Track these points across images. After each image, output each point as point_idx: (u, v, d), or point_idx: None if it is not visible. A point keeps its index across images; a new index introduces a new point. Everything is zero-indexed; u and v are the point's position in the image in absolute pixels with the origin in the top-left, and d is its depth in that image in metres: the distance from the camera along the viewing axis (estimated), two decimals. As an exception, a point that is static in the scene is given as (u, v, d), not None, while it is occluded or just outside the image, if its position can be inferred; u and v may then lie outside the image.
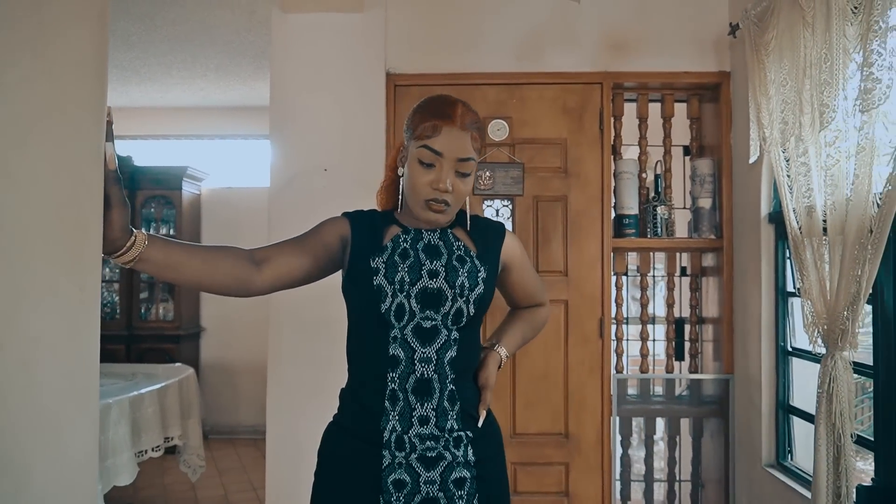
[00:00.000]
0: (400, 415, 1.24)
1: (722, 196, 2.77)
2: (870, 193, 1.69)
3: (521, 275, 1.43)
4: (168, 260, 1.13)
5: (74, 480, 0.76)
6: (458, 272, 1.27)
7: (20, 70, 0.65)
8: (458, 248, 1.31)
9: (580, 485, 2.75)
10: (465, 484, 1.25)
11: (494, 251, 1.35)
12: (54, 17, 0.71)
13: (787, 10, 2.09)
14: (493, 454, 1.33)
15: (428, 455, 1.24)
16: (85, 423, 0.79)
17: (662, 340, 2.92)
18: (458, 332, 1.28)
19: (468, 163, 1.26)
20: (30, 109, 0.68)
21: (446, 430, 1.26)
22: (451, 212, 1.28)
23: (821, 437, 1.85)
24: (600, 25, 2.77)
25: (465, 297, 1.26)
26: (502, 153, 2.78)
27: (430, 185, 1.24)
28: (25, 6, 0.66)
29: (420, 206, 1.26)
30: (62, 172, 0.75)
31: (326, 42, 2.75)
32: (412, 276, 1.26)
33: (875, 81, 1.62)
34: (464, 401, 1.28)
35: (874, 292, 1.85)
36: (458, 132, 1.24)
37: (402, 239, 1.31)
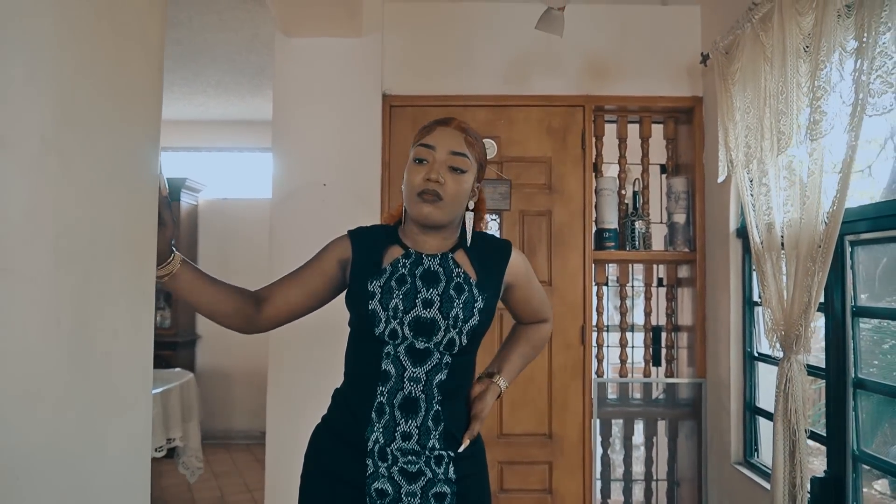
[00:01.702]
0: (384, 427, 1.26)
1: (695, 212, 2.97)
2: (819, 213, 1.88)
3: (525, 293, 1.44)
4: (192, 284, 1.24)
5: (138, 449, 0.92)
6: (453, 303, 1.28)
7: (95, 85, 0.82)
8: (457, 276, 1.31)
9: (563, 483, 2.92)
10: (445, 499, 1.27)
11: (497, 274, 1.35)
12: (117, 43, 0.88)
13: (750, 45, 2.30)
14: (476, 471, 1.34)
15: (409, 469, 1.26)
16: (145, 403, 0.95)
17: (640, 347, 3.10)
18: (451, 357, 1.29)
19: (461, 158, 1.29)
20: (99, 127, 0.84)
21: (427, 448, 1.27)
22: (445, 208, 1.29)
23: (778, 433, 2.03)
24: (583, 52, 2.97)
25: (458, 329, 1.27)
26: (491, 170, 2.96)
27: (423, 177, 1.27)
28: (90, 32, 0.83)
29: (413, 201, 1.28)
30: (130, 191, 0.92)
31: (326, 64, 2.93)
32: (406, 304, 1.27)
33: (822, 114, 1.83)
34: (449, 422, 1.29)
35: (826, 302, 2.05)
36: (453, 131, 1.30)
37: (401, 263, 1.32)
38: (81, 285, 0.80)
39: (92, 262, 0.82)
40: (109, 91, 0.86)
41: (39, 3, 0.74)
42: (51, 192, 0.76)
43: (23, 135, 0.73)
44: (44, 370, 0.75)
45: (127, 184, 0.90)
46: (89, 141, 0.82)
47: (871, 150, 3.97)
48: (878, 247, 2.10)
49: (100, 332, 0.84)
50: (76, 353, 0.80)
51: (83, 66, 0.81)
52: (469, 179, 1.32)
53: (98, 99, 0.84)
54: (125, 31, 0.89)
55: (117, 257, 0.87)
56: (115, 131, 0.87)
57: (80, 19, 0.80)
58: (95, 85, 0.83)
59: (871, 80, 1.61)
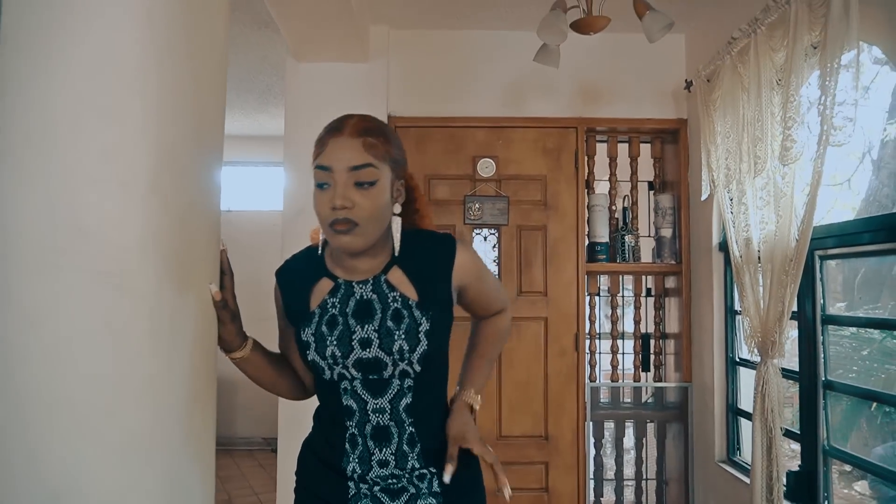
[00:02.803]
0: (359, 458, 1.20)
1: (681, 227, 3.17)
2: (790, 230, 2.08)
3: (477, 290, 1.31)
4: (258, 367, 1.26)
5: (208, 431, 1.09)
6: (393, 336, 1.15)
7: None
8: (394, 301, 1.18)
9: (559, 482, 3.09)
10: None
11: (442, 282, 1.21)
12: (198, 104, 1.04)
13: (729, 75, 2.51)
14: (466, 488, 1.25)
15: (391, 487, 1.21)
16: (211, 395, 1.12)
17: (631, 353, 3.29)
18: (413, 380, 1.19)
19: (365, 170, 1.10)
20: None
21: (407, 469, 1.21)
22: (364, 232, 1.12)
23: (756, 431, 2.22)
24: (576, 77, 3.17)
25: (406, 360, 1.15)
26: (490, 188, 3.16)
27: (329, 206, 1.10)
28: (179, 98, 1.00)
29: (328, 233, 1.13)
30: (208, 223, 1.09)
31: (335, 87, 3.11)
32: (343, 349, 1.16)
33: (793, 141, 2.03)
34: (425, 440, 1.21)
35: (799, 311, 2.25)
36: (347, 140, 1.10)
37: (329, 303, 1.20)
38: (176, 301, 0.97)
39: (184, 282, 0.99)
40: (193, 142, 1.04)
41: (148, 81, 0.93)
42: (155, 224, 0.94)
43: (136, 179, 0.91)
44: (149, 372, 0.93)
45: (205, 216, 1.08)
46: (180, 183, 1.00)
47: (851, 164, 4.20)
48: (848, 262, 2.31)
49: (186, 341, 1.01)
50: (171, 359, 0.97)
51: (175, 123, 0.99)
52: (383, 187, 1.13)
53: (185, 148, 1.01)
54: (204, 94, 1.07)
55: (199, 277, 1.05)
56: (195, 174, 1.05)
57: (172, 88, 0.98)
58: (183, 137, 1.01)
59: (834, 115, 1.81)
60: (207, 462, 1.06)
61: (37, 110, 0.88)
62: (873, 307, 3.49)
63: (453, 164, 3.17)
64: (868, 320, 2.86)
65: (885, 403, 2.12)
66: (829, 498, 2.17)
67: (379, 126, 1.16)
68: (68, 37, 0.89)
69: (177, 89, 0.98)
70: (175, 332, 0.97)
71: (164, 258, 0.94)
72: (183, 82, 1.00)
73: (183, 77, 1.00)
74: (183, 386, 0.99)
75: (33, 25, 0.90)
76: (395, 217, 1.19)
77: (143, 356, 0.91)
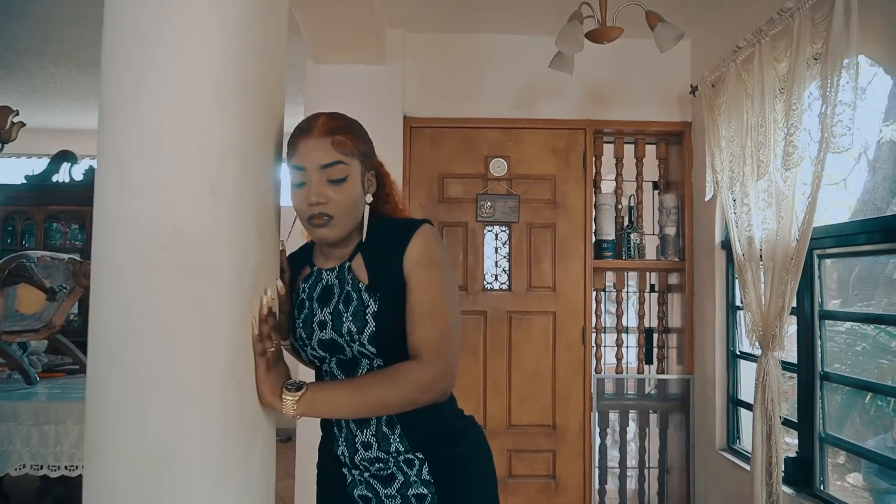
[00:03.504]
0: (346, 441, 1.25)
1: (684, 225, 3.30)
2: (791, 230, 2.21)
3: (415, 292, 1.18)
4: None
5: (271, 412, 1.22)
6: (342, 318, 1.18)
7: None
8: (347, 284, 1.21)
9: (565, 469, 3.23)
10: (424, 499, 1.23)
11: (393, 265, 1.18)
12: (265, 117, 1.15)
13: (734, 81, 2.63)
14: (459, 474, 1.25)
15: (381, 474, 1.24)
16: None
17: (635, 347, 3.42)
18: (382, 359, 1.20)
19: (335, 167, 1.16)
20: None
21: (391, 452, 1.23)
22: (339, 224, 1.18)
23: (757, 420, 2.36)
24: (584, 81, 3.29)
25: (357, 342, 1.17)
26: (501, 186, 3.28)
27: (305, 202, 1.16)
28: (253, 114, 1.11)
29: (307, 227, 1.20)
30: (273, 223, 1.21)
31: (353, 88, 3.22)
32: (307, 331, 1.23)
33: (794, 147, 2.16)
34: (406, 422, 1.21)
35: (798, 306, 2.38)
36: (316, 140, 1.16)
37: (301, 288, 1.27)
38: (252, 293, 1.09)
39: (258, 275, 1.11)
40: (264, 149, 1.15)
41: (232, 98, 1.05)
42: (237, 224, 1.06)
43: (223, 185, 1.03)
44: (232, 354, 1.05)
45: (272, 216, 1.19)
46: (255, 186, 1.12)
47: (847, 164, 4.33)
48: (844, 261, 2.44)
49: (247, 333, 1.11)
50: (247, 344, 1.09)
51: (252, 133, 1.11)
52: (353, 182, 1.19)
53: (258, 155, 1.13)
54: (270, 104, 1.19)
55: (269, 272, 1.17)
56: (265, 177, 1.17)
57: (250, 103, 1.10)
58: (256, 146, 1.13)
59: (834, 123, 1.94)
60: (271, 433, 1.18)
61: (139, 125, 1.00)
62: (867, 304, 3.63)
63: (466, 164, 3.29)
64: (863, 315, 3.00)
65: (878, 393, 2.25)
66: (825, 482, 2.31)
67: (346, 124, 1.22)
68: (164, 59, 1.01)
69: (253, 104, 1.10)
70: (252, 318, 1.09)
71: (243, 254, 1.06)
72: (257, 97, 1.12)
73: (257, 92, 1.12)
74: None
75: (131, 47, 1.02)
76: (366, 206, 1.24)
77: (227, 340, 1.03)
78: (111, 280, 1.00)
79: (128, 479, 0.97)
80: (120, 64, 1.02)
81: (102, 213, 1.02)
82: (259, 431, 1.11)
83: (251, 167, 1.10)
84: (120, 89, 1.01)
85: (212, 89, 1.02)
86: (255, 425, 1.10)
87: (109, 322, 0.99)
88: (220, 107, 1.03)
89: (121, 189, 1.00)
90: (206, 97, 1.02)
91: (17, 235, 4.82)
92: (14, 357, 2.99)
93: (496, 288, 3.30)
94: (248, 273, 1.07)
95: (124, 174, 1.00)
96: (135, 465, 0.97)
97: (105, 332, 1.00)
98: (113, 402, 0.99)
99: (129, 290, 0.98)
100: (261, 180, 1.14)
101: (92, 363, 1.02)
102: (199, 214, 1.00)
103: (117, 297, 0.99)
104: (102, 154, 1.03)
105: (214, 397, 1.01)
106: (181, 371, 0.99)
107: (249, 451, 1.07)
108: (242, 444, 1.06)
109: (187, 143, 1.00)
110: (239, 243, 1.05)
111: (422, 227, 1.20)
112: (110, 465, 0.98)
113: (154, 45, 1.01)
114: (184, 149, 1.00)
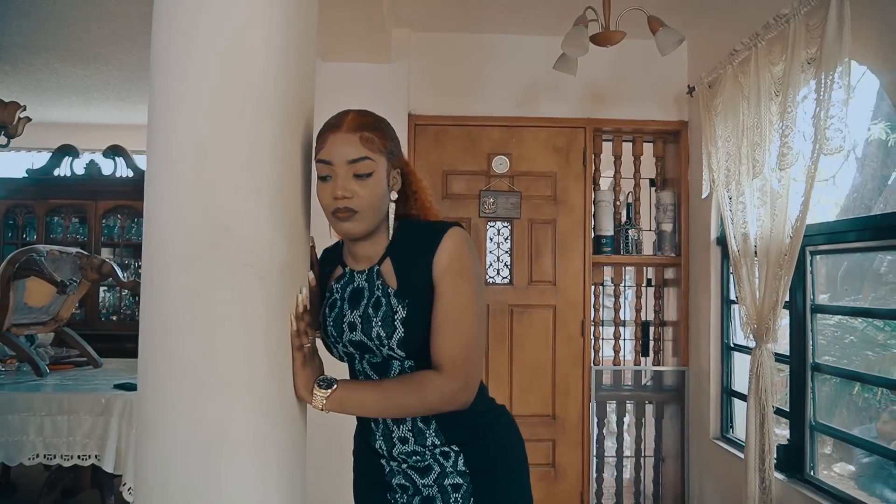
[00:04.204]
0: (383, 435, 1.28)
1: (681, 222, 3.40)
2: (785, 228, 2.31)
3: (438, 301, 1.19)
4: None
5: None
6: (371, 322, 1.21)
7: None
8: (377, 289, 1.23)
9: (565, 458, 3.33)
10: (460, 489, 1.26)
11: (422, 270, 1.20)
12: (299, 127, 1.22)
13: (730, 83, 2.72)
14: (494, 464, 1.29)
15: (418, 466, 1.28)
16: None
17: (632, 339, 3.53)
18: (413, 360, 1.23)
19: (362, 163, 1.18)
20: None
21: (427, 446, 1.26)
22: (363, 219, 1.20)
23: (750, 409, 2.46)
24: (585, 81, 3.36)
25: (386, 346, 1.20)
26: (503, 183, 3.36)
27: (331, 196, 1.19)
28: (290, 126, 1.18)
29: (331, 221, 1.22)
30: (305, 224, 1.28)
31: (359, 86, 3.29)
32: (336, 331, 1.27)
33: (789, 148, 2.25)
34: (441, 418, 1.25)
35: (791, 301, 2.49)
36: (345, 136, 1.18)
37: (335, 288, 1.30)
38: (289, 292, 1.17)
39: (295, 270, 1.19)
40: (300, 153, 1.23)
41: (275, 105, 1.12)
42: (279, 223, 1.13)
43: (267, 186, 1.11)
44: (275, 345, 1.12)
45: (305, 215, 1.27)
46: (293, 187, 1.19)
47: (836, 161, 4.44)
48: (833, 256, 2.55)
49: (287, 325, 1.19)
50: (283, 341, 1.16)
51: (291, 139, 1.18)
52: (379, 177, 1.21)
53: (295, 158, 1.20)
54: (303, 110, 1.26)
55: (304, 266, 1.25)
56: (301, 179, 1.24)
57: (291, 110, 1.17)
58: (293, 150, 1.20)
59: (827, 126, 2.03)
60: (305, 417, 1.26)
61: (188, 131, 1.07)
62: (855, 299, 3.75)
63: (469, 161, 3.37)
64: (853, 309, 3.11)
65: (866, 383, 2.36)
66: (815, 468, 2.42)
67: (374, 121, 1.24)
68: (211, 68, 1.08)
69: (290, 107, 1.18)
70: (291, 311, 1.17)
71: (284, 251, 1.14)
72: (293, 100, 1.19)
73: (293, 95, 1.19)
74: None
75: (179, 58, 1.09)
76: (391, 203, 1.26)
77: (271, 332, 1.11)
78: (163, 275, 1.07)
79: (180, 459, 1.05)
80: (169, 74, 1.08)
81: (153, 213, 1.09)
82: (297, 415, 1.19)
83: (288, 167, 1.17)
84: (169, 97, 1.08)
85: (255, 96, 1.09)
86: (294, 410, 1.17)
87: (161, 314, 1.07)
88: (262, 112, 1.11)
89: (172, 190, 1.07)
90: (249, 104, 1.09)
91: (18, 229, 4.85)
92: (24, 349, 3.05)
93: (498, 282, 3.39)
94: (287, 268, 1.15)
95: (175, 177, 1.07)
96: (186, 447, 1.04)
97: (157, 324, 1.07)
98: (165, 388, 1.06)
99: (181, 285, 1.05)
100: (296, 179, 1.21)
101: (144, 352, 1.09)
102: (245, 214, 1.07)
103: (169, 290, 1.06)
104: (153, 157, 1.10)
105: (259, 384, 1.09)
106: (229, 360, 1.06)
107: (289, 433, 1.15)
108: (283, 426, 1.13)
109: (234, 147, 1.07)
110: (279, 240, 1.13)
111: (451, 232, 1.20)
112: (163, 447, 1.06)
113: (201, 56, 1.08)
114: (231, 153, 1.07)
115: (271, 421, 1.10)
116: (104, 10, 3.18)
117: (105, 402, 2.57)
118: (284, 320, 1.14)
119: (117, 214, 4.76)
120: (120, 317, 4.84)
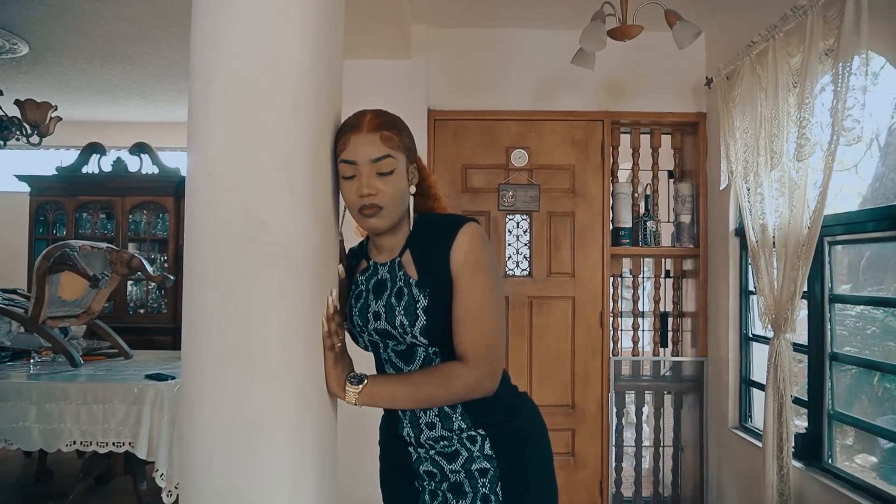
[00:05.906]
0: (410, 422, 1.33)
1: (699, 213, 3.42)
2: (803, 219, 2.33)
3: (457, 296, 1.25)
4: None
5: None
6: (394, 311, 1.26)
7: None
8: (399, 280, 1.28)
9: (584, 447, 3.38)
10: (487, 473, 1.30)
11: (440, 262, 1.25)
12: (325, 127, 1.28)
13: (748, 75, 2.73)
14: (519, 448, 1.32)
15: (446, 451, 1.32)
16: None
17: (650, 330, 3.55)
18: (438, 346, 1.28)
19: (384, 161, 1.24)
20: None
21: (454, 430, 1.30)
22: (388, 213, 1.26)
23: (769, 398, 2.49)
24: (602, 74, 3.38)
25: (410, 334, 1.25)
26: (522, 176, 3.40)
27: (356, 193, 1.24)
28: (321, 130, 1.24)
29: (357, 218, 1.28)
30: (335, 220, 1.34)
31: (379, 83, 3.34)
32: (362, 320, 1.32)
33: (806, 139, 2.27)
34: (466, 402, 1.28)
35: (809, 291, 2.50)
36: (366, 136, 1.23)
37: (360, 280, 1.36)
38: (321, 284, 1.23)
39: (327, 264, 1.25)
40: (329, 152, 1.29)
41: (308, 107, 1.18)
42: (312, 219, 1.20)
43: (301, 184, 1.17)
44: (310, 333, 1.19)
45: (334, 211, 1.33)
46: (324, 185, 1.25)
47: (859, 150, 4.40)
48: (855, 247, 2.56)
49: (320, 315, 1.25)
50: (317, 329, 1.22)
51: (321, 138, 1.24)
52: (400, 174, 1.27)
53: (325, 157, 1.27)
54: (331, 112, 1.32)
55: (333, 260, 1.31)
56: (330, 176, 1.30)
57: (321, 111, 1.23)
58: (323, 149, 1.26)
59: (844, 117, 2.05)
60: (335, 405, 1.32)
61: (229, 132, 1.13)
62: (877, 289, 3.73)
63: (488, 155, 3.41)
64: (871, 299, 3.11)
65: (886, 372, 2.37)
66: (833, 457, 2.44)
67: (391, 119, 1.29)
68: (249, 72, 1.14)
69: (321, 107, 1.24)
70: (323, 302, 1.23)
71: (316, 245, 1.20)
72: (324, 100, 1.25)
73: (325, 95, 1.25)
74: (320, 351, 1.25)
75: (217, 63, 1.15)
76: (410, 197, 1.33)
77: (306, 322, 1.17)
78: (204, 268, 1.14)
79: (222, 441, 1.12)
80: (209, 78, 1.15)
81: (194, 210, 1.16)
82: (329, 401, 1.25)
83: (320, 165, 1.23)
84: (209, 101, 1.15)
85: (291, 98, 1.16)
86: (326, 396, 1.24)
87: (203, 305, 1.14)
88: (297, 113, 1.17)
89: (212, 188, 1.13)
90: (286, 106, 1.15)
91: (48, 225, 5.00)
92: (60, 341, 3.16)
93: (517, 274, 3.43)
94: (319, 262, 1.21)
95: (215, 176, 1.13)
96: (227, 430, 1.11)
97: (200, 314, 1.14)
98: (207, 375, 1.13)
99: (221, 277, 1.12)
100: (327, 177, 1.27)
101: (187, 341, 1.16)
102: (281, 210, 1.14)
103: (210, 283, 1.13)
104: (193, 157, 1.17)
105: (295, 371, 1.16)
106: (266, 348, 1.13)
107: (323, 417, 1.22)
108: (318, 410, 1.20)
109: (270, 147, 1.14)
110: (312, 235, 1.19)
111: (466, 227, 1.25)
112: (206, 428, 1.13)
113: (240, 60, 1.14)
114: (268, 153, 1.13)
115: (307, 405, 1.17)
116: (131, 10, 3.27)
117: (137, 392, 2.67)
118: (318, 310, 1.20)
119: (143, 210, 4.89)
120: (147, 310, 4.97)
